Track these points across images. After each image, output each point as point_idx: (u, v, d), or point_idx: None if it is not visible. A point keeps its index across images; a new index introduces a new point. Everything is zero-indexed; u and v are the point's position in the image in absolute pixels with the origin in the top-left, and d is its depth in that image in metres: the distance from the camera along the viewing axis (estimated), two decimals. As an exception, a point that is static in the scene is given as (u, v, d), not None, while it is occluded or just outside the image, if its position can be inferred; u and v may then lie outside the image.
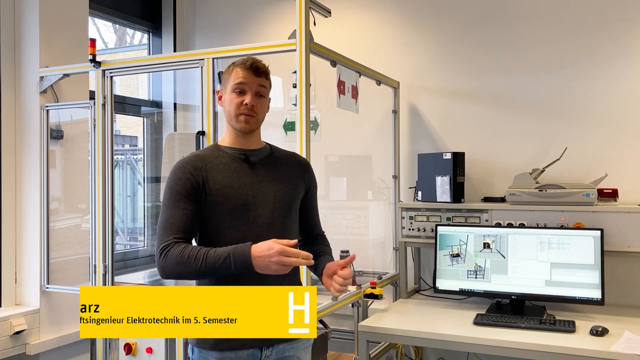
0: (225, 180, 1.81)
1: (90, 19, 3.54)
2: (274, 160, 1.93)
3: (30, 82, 3.13)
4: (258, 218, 1.81)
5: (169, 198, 1.78)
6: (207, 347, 1.79)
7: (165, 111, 4.20)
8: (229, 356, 1.78)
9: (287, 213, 1.88)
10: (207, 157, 1.85)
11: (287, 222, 1.88)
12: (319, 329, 2.89)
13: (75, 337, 3.22)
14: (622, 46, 3.15)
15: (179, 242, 1.72)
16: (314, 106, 3.43)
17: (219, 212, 1.79)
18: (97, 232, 2.91)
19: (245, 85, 1.82)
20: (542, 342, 2.42)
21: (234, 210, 1.79)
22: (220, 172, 1.82)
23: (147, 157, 4.05)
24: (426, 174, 3.28)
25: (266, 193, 1.84)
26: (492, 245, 2.97)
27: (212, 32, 4.23)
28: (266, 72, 1.87)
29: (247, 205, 1.80)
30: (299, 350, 1.88)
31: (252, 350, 1.80)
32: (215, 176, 1.80)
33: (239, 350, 1.78)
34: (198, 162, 1.82)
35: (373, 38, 3.73)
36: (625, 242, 2.81)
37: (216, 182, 1.80)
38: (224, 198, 1.79)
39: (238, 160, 1.86)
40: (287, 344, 1.85)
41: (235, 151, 1.87)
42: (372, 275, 3.36)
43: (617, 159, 3.14)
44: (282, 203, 1.86)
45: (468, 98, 3.48)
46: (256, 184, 1.84)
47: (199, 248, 1.72)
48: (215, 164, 1.83)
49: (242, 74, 1.82)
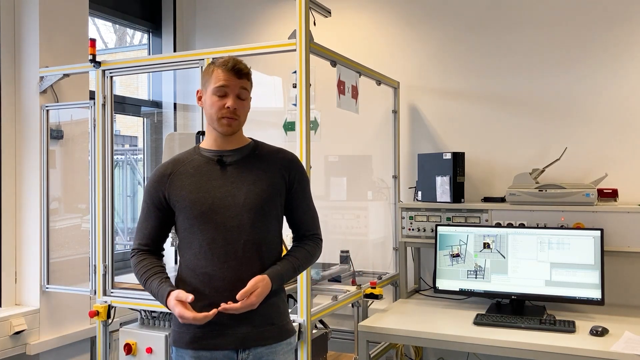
0: (192, 185, 1.84)
1: (90, 19, 3.54)
2: (253, 159, 1.90)
3: (30, 82, 3.13)
4: (226, 221, 1.81)
5: (143, 205, 1.92)
6: (182, 346, 1.82)
7: (165, 111, 4.20)
8: (204, 355, 1.80)
9: (259, 214, 1.83)
10: (182, 161, 1.90)
11: (259, 224, 1.83)
12: (319, 329, 2.90)
13: (75, 337, 3.22)
14: (622, 46, 3.15)
15: (141, 252, 1.89)
16: (314, 106, 3.42)
17: (187, 217, 1.83)
18: (97, 232, 2.91)
19: (227, 88, 1.80)
20: (542, 342, 2.41)
21: (200, 214, 1.81)
22: (189, 176, 1.85)
23: (147, 157, 4.06)
24: (426, 174, 3.28)
25: (235, 195, 1.83)
26: (492, 245, 2.97)
27: (212, 32, 4.23)
28: (248, 73, 1.85)
29: (213, 208, 1.81)
30: (277, 355, 1.86)
31: (227, 352, 1.81)
32: (182, 182, 1.85)
33: (213, 350, 1.80)
34: (168, 168, 1.88)
35: (373, 38, 3.73)
36: (625, 242, 2.81)
37: (182, 187, 1.84)
38: (190, 203, 1.82)
39: (211, 162, 1.87)
40: (264, 348, 1.84)
41: (211, 153, 1.88)
42: (372, 275, 3.36)
43: (617, 159, 3.14)
44: (254, 204, 1.82)
45: (468, 98, 3.48)
46: (225, 186, 1.84)
47: (145, 269, 1.85)
48: (186, 169, 1.87)
49: (223, 76, 1.80)
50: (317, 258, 1.99)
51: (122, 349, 2.78)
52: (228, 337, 1.80)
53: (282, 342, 1.87)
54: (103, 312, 2.84)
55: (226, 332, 1.80)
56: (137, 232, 1.91)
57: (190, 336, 1.80)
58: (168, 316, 2.78)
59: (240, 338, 1.80)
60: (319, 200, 2.10)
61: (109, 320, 2.87)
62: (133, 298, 2.82)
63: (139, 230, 1.91)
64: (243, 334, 1.80)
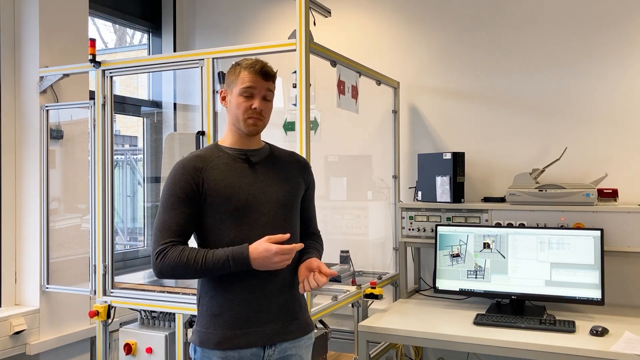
0: (226, 180, 1.82)
1: (90, 19, 3.54)
2: (274, 159, 1.94)
3: (30, 82, 3.13)
4: (259, 217, 1.82)
5: (167, 200, 1.80)
6: (210, 347, 1.80)
7: (165, 111, 4.20)
8: (232, 355, 1.79)
9: (288, 212, 1.88)
10: (208, 157, 1.86)
11: (288, 221, 1.88)
12: (319, 329, 2.90)
13: (75, 337, 3.22)
14: (622, 46, 3.15)
15: (176, 245, 1.76)
16: (314, 106, 3.43)
17: (220, 212, 1.80)
18: (97, 232, 2.91)
19: (254, 90, 1.83)
20: (542, 342, 2.42)
21: (235, 210, 1.80)
22: (221, 172, 1.83)
23: (147, 157, 4.05)
24: (426, 174, 3.28)
25: (267, 192, 1.85)
26: (492, 245, 2.97)
27: (212, 32, 4.23)
28: (274, 76, 1.89)
29: (248, 204, 1.82)
30: (301, 349, 1.90)
31: (255, 350, 1.81)
32: (215, 176, 1.82)
33: (242, 349, 1.80)
34: (199, 162, 1.83)
35: (373, 38, 3.73)
36: (625, 242, 2.81)
37: (217, 182, 1.81)
38: (225, 198, 1.80)
39: (239, 160, 1.87)
40: (289, 342, 1.86)
41: (235, 151, 1.89)
42: (372, 275, 3.36)
43: (617, 159, 3.14)
44: (283, 202, 1.87)
45: (468, 98, 3.48)
46: (257, 184, 1.85)
47: (197, 250, 1.75)
48: (216, 164, 1.84)
49: (250, 77, 1.83)
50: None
51: (122, 349, 2.78)
52: (256, 335, 1.81)
53: (305, 337, 1.91)
54: (103, 312, 2.84)
55: (254, 330, 1.81)
56: (164, 230, 1.77)
57: (220, 337, 1.80)
58: (168, 316, 2.78)
59: (268, 335, 1.82)
60: (319, 200, 2.11)
61: (109, 320, 2.87)
62: (133, 298, 2.82)
63: (165, 228, 1.77)
64: (271, 330, 1.82)
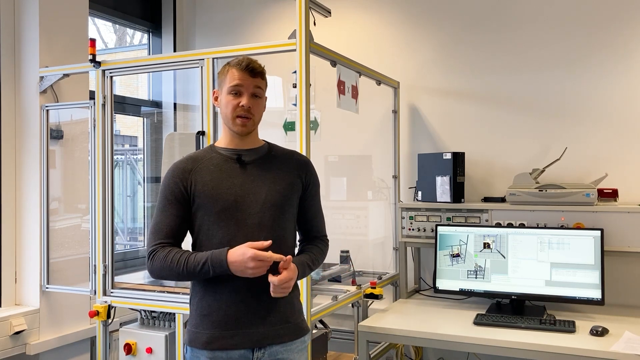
0: (214, 181, 1.83)
1: (90, 19, 3.54)
2: (270, 159, 1.93)
3: (30, 82, 3.13)
4: (247, 218, 1.82)
5: (160, 202, 1.85)
6: (199, 346, 1.81)
7: (165, 111, 4.20)
8: (220, 356, 1.79)
9: (278, 213, 1.86)
10: (200, 158, 1.88)
11: (279, 222, 1.86)
12: (319, 329, 2.90)
13: (75, 337, 3.22)
14: (622, 46, 3.15)
15: (165, 246, 1.79)
16: (314, 106, 3.43)
17: (208, 213, 1.82)
18: (97, 232, 2.91)
19: (242, 87, 1.83)
20: (542, 342, 2.42)
21: (221, 210, 1.81)
22: (210, 173, 1.84)
23: (147, 157, 4.05)
24: (426, 174, 3.28)
25: (256, 193, 1.84)
26: (492, 245, 2.97)
27: (212, 32, 4.23)
28: (262, 72, 1.87)
29: (235, 205, 1.82)
30: (292, 353, 1.87)
31: (243, 351, 1.80)
32: (203, 177, 1.83)
33: (230, 350, 1.79)
34: (189, 164, 1.86)
35: (373, 38, 3.73)
36: (625, 242, 2.81)
37: (204, 183, 1.83)
38: (212, 199, 1.81)
39: (230, 160, 1.88)
40: (279, 346, 1.84)
41: (229, 152, 1.89)
42: (372, 275, 3.36)
43: (617, 159, 3.14)
44: (273, 203, 1.85)
45: (468, 98, 3.48)
46: (246, 184, 1.85)
47: (181, 253, 1.77)
48: (206, 165, 1.86)
49: (237, 75, 1.83)
50: (324, 259, 2.02)
51: (122, 349, 2.78)
52: (245, 337, 1.80)
53: (297, 340, 1.88)
54: (103, 312, 2.84)
55: (243, 331, 1.80)
56: (155, 232, 1.82)
57: (208, 337, 1.80)
58: (168, 316, 2.78)
59: (257, 337, 1.81)
60: (319, 200, 2.10)
61: (109, 320, 2.87)
62: (133, 298, 2.82)
63: (157, 230, 1.82)
64: (260, 333, 1.81)
